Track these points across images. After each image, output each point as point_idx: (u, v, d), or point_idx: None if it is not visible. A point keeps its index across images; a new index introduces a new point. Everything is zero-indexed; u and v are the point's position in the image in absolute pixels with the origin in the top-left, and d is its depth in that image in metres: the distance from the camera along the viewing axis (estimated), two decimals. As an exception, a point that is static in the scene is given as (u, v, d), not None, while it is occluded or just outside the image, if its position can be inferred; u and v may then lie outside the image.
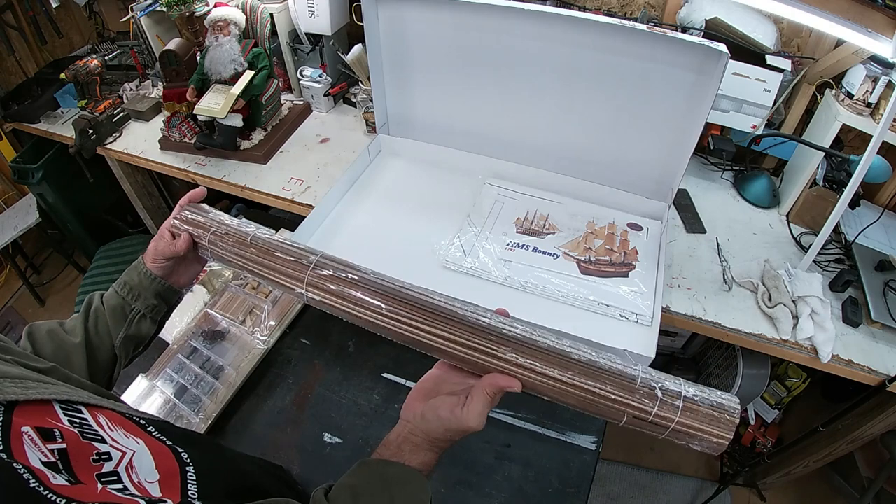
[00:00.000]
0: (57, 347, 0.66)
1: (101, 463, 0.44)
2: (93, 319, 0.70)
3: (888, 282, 1.16)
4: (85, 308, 0.72)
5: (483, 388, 0.53)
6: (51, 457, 0.40)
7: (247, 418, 1.00)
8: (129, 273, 0.74)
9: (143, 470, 0.46)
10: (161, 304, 0.75)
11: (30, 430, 0.41)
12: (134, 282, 0.73)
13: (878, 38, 0.88)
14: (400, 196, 1.30)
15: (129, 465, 0.46)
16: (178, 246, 0.72)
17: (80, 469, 0.42)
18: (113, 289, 0.73)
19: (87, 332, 0.69)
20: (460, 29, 1.14)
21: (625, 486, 1.83)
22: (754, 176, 1.42)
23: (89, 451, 0.44)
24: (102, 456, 0.44)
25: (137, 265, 0.74)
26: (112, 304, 0.72)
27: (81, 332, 0.69)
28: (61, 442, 0.42)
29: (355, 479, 0.54)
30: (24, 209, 2.29)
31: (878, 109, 1.17)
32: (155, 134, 1.61)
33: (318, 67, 1.65)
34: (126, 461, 0.46)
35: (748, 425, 1.84)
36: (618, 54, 1.04)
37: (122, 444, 0.47)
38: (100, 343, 0.70)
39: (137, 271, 0.73)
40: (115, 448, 0.46)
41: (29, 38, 2.17)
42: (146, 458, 0.48)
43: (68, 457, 0.42)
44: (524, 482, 0.88)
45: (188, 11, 1.52)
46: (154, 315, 0.74)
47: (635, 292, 1.06)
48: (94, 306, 0.72)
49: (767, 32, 1.29)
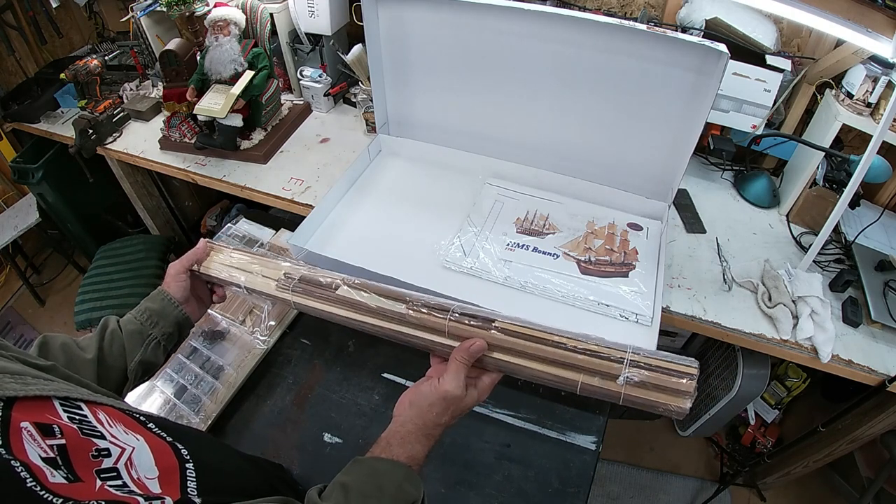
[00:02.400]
0: (69, 360, 0.67)
1: (100, 459, 0.44)
2: (108, 340, 0.72)
3: (888, 282, 1.16)
4: (101, 329, 0.73)
5: (454, 356, 0.62)
6: (50, 452, 0.40)
7: (247, 418, 1.00)
8: (151, 299, 0.77)
9: (142, 466, 0.46)
10: (175, 332, 0.78)
11: (29, 426, 0.41)
12: (155, 308, 0.76)
13: (878, 38, 0.88)
14: (400, 196, 1.30)
15: (129, 462, 0.46)
16: (220, 295, 0.84)
17: (79, 465, 0.42)
18: (131, 315, 0.76)
19: (101, 351, 0.70)
20: (460, 29, 1.14)
21: (625, 486, 1.83)
22: (754, 176, 1.42)
23: (89, 447, 0.44)
24: (102, 452, 0.44)
25: (160, 293, 0.78)
26: (130, 329, 0.74)
27: (95, 350, 0.70)
28: (60, 438, 0.42)
29: (347, 476, 0.56)
30: (24, 209, 2.29)
31: (878, 109, 1.17)
32: (155, 134, 1.61)
33: (318, 67, 1.65)
34: (126, 458, 0.46)
35: (748, 425, 1.84)
36: (618, 54, 1.04)
37: (121, 441, 0.47)
38: (113, 363, 0.71)
39: (161, 298, 0.77)
40: (115, 444, 0.46)
41: (29, 38, 2.17)
42: (146, 455, 0.48)
43: (68, 453, 0.42)
44: (524, 482, 0.88)
45: (188, 11, 1.52)
46: (167, 343, 0.77)
47: (635, 292, 1.05)
48: (110, 328, 0.73)
49: (767, 32, 1.29)
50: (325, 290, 0.72)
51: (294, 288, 0.74)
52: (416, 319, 0.66)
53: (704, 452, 1.94)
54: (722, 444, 1.90)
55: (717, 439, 1.91)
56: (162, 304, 0.76)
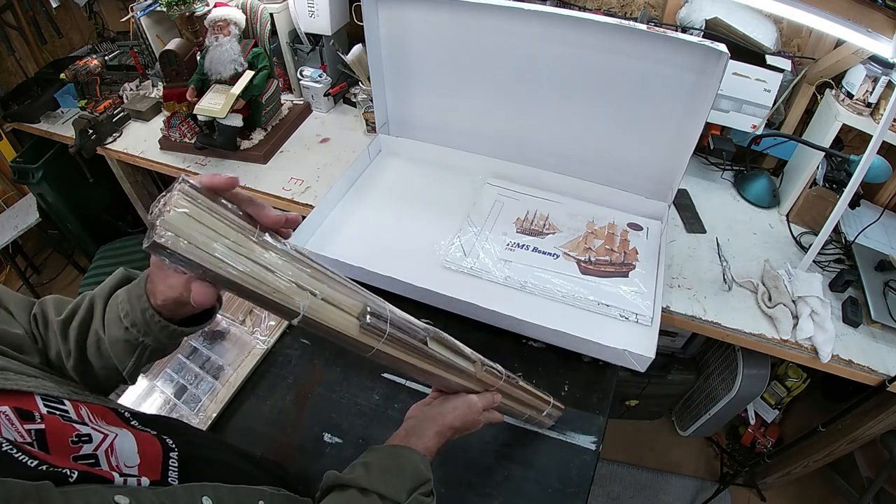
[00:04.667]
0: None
1: (79, 445, 0.42)
2: (93, 339, 0.56)
3: (888, 282, 1.16)
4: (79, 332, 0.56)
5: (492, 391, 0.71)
6: (27, 437, 0.39)
7: (247, 418, 0.99)
8: (132, 305, 0.53)
9: (123, 454, 0.45)
10: (171, 346, 0.58)
11: (7, 410, 0.39)
12: (139, 320, 0.53)
13: (878, 38, 0.88)
14: (400, 196, 1.30)
15: (110, 448, 0.44)
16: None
17: (56, 450, 0.40)
18: (117, 316, 0.54)
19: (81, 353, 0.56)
20: (460, 29, 1.14)
21: (625, 486, 1.83)
22: (754, 176, 1.42)
23: (69, 432, 0.42)
24: (82, 437, 0.42)
25: (140, 302, 0.52)
26: (115, 336, 0.54)
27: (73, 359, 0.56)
28: (40, 423, 0.40)
29: (367, 457, 0.60)
30: (24, 209, 2.29)
31: (878, 109, 1.17)
32: (155, 134, 1.61)
33: (318, 67, 1.65)
34: (107, 444, 0.44)
35: (748, 425, 1.84)
36: (618, 54, 1.04)
37: (104, 428, 0.45)
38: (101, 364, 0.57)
39: (141, 310, 0.52)
40: (97, 430, 0.44)
41: (29, 38, 2.17)
42: (129, 443, 0.46)
43: (45, 437, 0.40)
44: (524, 482, 0.88)
45: (188, 11, 1.52)
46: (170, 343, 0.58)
47: (635, 292, 1.06)
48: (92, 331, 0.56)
49: (767, 32, 1.29)
50: (413, 341, 0.58)
51: (388, 337, 0.55)
52: (479, 377, 0.68)
53: (704, 452, 1.94)
54: (722, 444, 1.90)
55: (717, 439, 1.91)
56: (144, 319, 0.52)
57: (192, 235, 0.40)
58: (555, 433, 0.94)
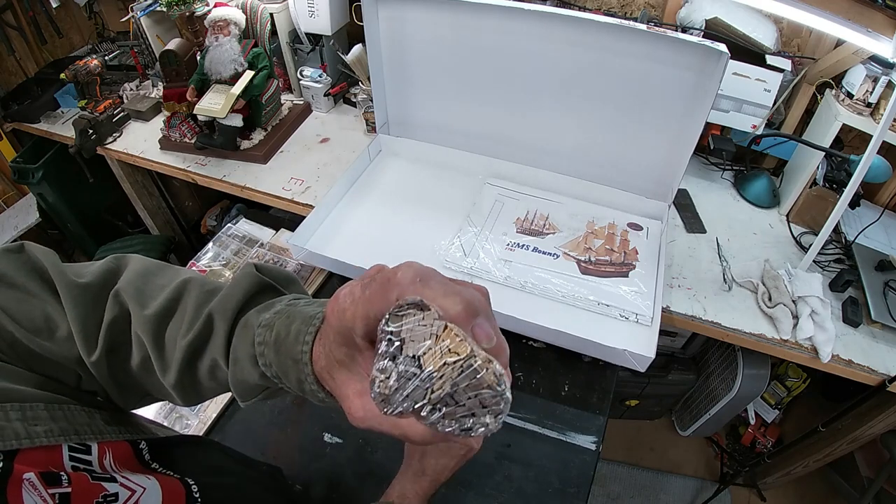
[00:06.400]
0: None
1: None
2: (207, 364, 0.46)
3: (888, 282, 1.16)
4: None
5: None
6: (50, 501, 0.36)
7: (247, 418, 0.99)
8: (282, 368, 0.41)
9: None
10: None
11: (32, 477, 0.36)
12: (292, 384, 0.42)
13: (878, 38, 0.88)
14: (400, 196, 1.30)
15: None
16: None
17: None
18: (252, 359, 0.43)
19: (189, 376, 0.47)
20: (460, 29, 1.14)
21: (625, 486, 1.83)
22: (754, 176, 1.42)
23: (96, 493, 0.39)
24: (108, 498, 0.40)
25: (298, 369, 0.40)
26: (247, 381, 0.45)
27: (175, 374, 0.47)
28: (66, 486, 0.38)
29: None
30: (24, 209, 2.29)
31: (878, 109, 1.17)
32: (155, 134, 1.60)
33: (318, 67, 1.65)
34: (132, 501, 0.42)
35: (748, 425, 1.84)
36: (618, 54, 1.04)
37: (130, 482, 0.43)
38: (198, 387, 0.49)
39: (297, 379, 0.40)
40: (124, 487, 0.42)
41: (29, 38, 2.17)
42: (154, 497, 0.44)
43: (70, 501, 0.37)
44: (524, 482, 0.88)
45: (188, 11, 1.52)
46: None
47: (635, 292, 1.06)
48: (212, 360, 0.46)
49: (767, 32, 1.29)
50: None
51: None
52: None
53: (704, 452, 1.94)
54: (722, 443, 1.90)
55: (717, 439, 1.91)
56: (301, 386, 0.41)
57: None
58: (555, 433, 0.94)
